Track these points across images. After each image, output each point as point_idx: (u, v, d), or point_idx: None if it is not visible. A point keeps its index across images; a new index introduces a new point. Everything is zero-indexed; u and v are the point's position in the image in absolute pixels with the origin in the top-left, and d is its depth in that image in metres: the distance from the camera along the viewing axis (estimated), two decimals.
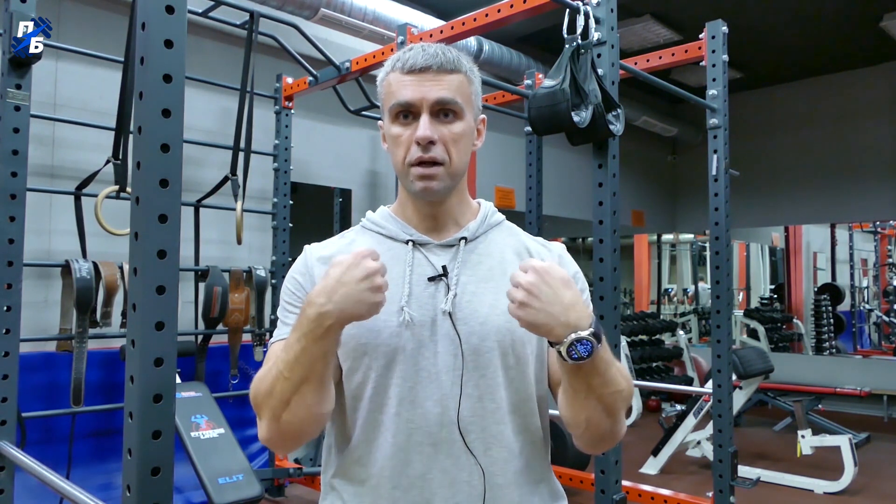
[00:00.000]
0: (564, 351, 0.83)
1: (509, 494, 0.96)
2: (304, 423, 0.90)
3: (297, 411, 0.88)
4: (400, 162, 0.98)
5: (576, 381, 0.88)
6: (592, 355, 0.84)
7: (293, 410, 0.88)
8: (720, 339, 2.79)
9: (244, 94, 3.22)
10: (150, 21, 0.84)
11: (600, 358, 0.85)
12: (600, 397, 0.89)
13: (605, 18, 2.13)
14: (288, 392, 0.88)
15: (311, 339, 0.85)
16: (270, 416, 0.90)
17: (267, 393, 0.90)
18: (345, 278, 0.85)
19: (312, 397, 0.88)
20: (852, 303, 7.46)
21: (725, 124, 2.84)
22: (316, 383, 0.88)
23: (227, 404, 3.28)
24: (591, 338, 0.83)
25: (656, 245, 8.21)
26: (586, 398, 0.89)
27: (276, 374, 0.88)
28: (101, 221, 2.81)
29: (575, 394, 0.90)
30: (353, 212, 4.33)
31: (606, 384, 0.88)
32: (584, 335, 0.83)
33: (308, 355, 0.86)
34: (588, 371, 0.86)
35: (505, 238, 1.07)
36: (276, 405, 0.89)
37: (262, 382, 0.91)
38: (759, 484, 3.33)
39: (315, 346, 0.85)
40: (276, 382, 0.88)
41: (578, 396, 0.89)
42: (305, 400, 0.88)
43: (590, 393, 0.88)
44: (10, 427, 2.03)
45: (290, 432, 0.91)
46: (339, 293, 0.84)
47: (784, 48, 5.85)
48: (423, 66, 0.96)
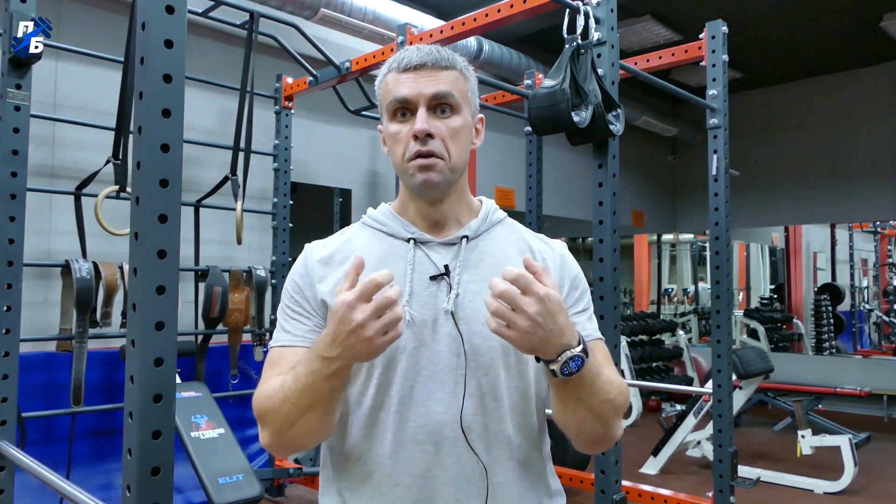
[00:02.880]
0: (558, 369, 0.85)
1: (510, 492, 0.96)
2: (308, 439, 0.93)
3: (301, 431, 0.91)
4: (399, 158, 0.99)
5: (564, 392, 0.90)
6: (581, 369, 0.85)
7: (297, 430, 0.90)
8: (720, 339, 2.79)
9: (244, 94, 3.22)
10: (150, 21, 0.83)
11: (588, 370, 0.87)
12: (589, 407, 0.91)
13: (605, 18, 2.13)
14: (294, 415, 0.89)
15: (319, 377, 0.86)
16: (274, 431, 0.92)
17: (273, 411, 0.91)
18: (339, 329, 0.82)
19: (318, 422, 0.90)
20: (852, 303, 7.46)
21: (725, 124, 2.84)
22: (322, 412, 0.89)
23: (227, 404, 3.28)
24: (582, 353, 0.85)
25: (656, 245, 8.21)
26: (575, 408, 0.91)
27: (282, 398, 0.89)
28: (101, 221, 2.81)
29: (564, 404, 0.92)
30: (353, 212, 4.33)
31: (594, 394, 0.89)
32: (576, 352, 0.84)
33: (316, 389, 0.87)
34: (576, 384, 0.87)
35: (507, 235, 1.07)
36: (281, 423, 0.91)
37: (268, 400, 0.92)
38: (759, 484, 3.33)
39: (323, 383, 0.86)
40: (283, 405, 0.89)
41: (567, 407, 0.91)
42: (310, 423, 0.90)
43: (578, 403, 0.90)
44: (10, 427, 2.03)
45: (292, 445, 0.94)
46: (339, 343, 0.82)
47: (784, 48, 5.85)
48: (419, 63, 0.98)
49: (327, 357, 0.84)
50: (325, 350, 0.84)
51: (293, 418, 0.89)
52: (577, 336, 0.86)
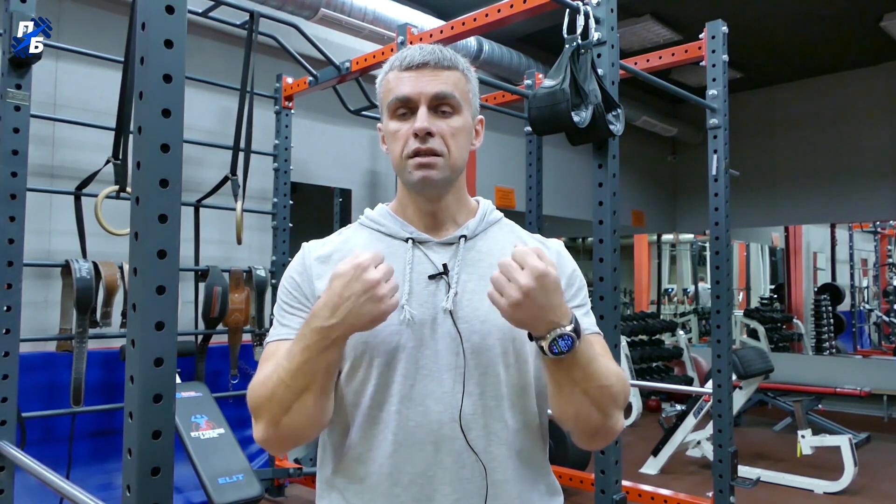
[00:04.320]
0: (546, 346, 0.85)
1: (509, 490, 0.96)
2: (304, 428, 0.92)
3: (296, 417, 0.89)
4: (398, 155, 0.99)
5: (558, 374, 0.90)
6: (573, 349, 0.86)
7: (293, 416, 0.89)
8: (720, 339, 2.80)
9: (244, 94, 3.22)
10: (150, 21, 0.84)
11: (581, 352, 0.87)
12: (585, 391, 0.90)
13: (605, 18, 2.13)
14: (289, 399, 0.88)
15: (315, 351, 0.86)
16: (269, 420, 0.91)
17: (267, 398, 0.90)
18: (346, 293, 0.84)
19: (313, 405, 0.89)
20: (852, 303, 7.46)
21: (725, 124, 2.84)
22: (318, 392, 0.89)
23: (227, 404, 3.28)
24: (573, 333, 0.85)
25: (656, 245, 8.21)
26: (570, 392, 0.90)
27: (276, 381, 0.89)
28: (101, 221, 2.81)
29: (559, 388, 0.91)
30: (353, 212, 4.33)
31: (590, 378, 0.89)
32: (566, 331, 0.85)
33: (311, 365, 0.86)
34: (569, 364, 0.87)
35: (504, 235, 1.07)
36: (276, 410, 0.90)
37: (262, 387, 0.91)
38: (759, 484, 3.33)
39: (319, 358, 0.86)
40: (277, 388, 0.89)
41: (563, 390, 0.91)
42: (306, 407, 0.89)
43: (574, 386, 0.90)
44: (10, 427, 2.03)
45: (288, 436, 0.92)
46: (343, 308, 0.84)
47: (784, 48, 5.85)
48: (421, 62, 0.98)
49: (326, 326, 0.84)
50: (323, 320, 0.85)
51: (288, 402, 0.88)
52: (570, 317, 0.86)
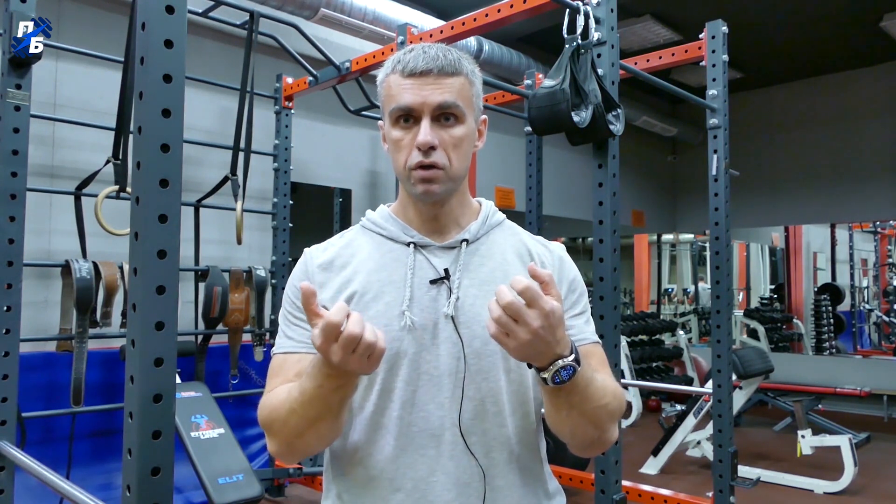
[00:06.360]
0: (549, 377, 0.84)
1: (509, 496, 0.96)
2: (318, 445, 0.93)
3: (311, 440, 0.91)
4: (401, 166, 0.98)
5: (556, 399, 0.89)
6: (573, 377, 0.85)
7: (307, 440, 0.91)
8: (720, 339, 2.79)
9: (244, 94, 3.22)
10: (150, 21, 0.84)
11: (580, 377, 0.86)
12: (582, 413, 0.90)
13: (605, 18, 2.13)
14: (303, 427, 0.89)
15: (328, 390, 0.85)
16: (282, 441, 0.93)
17: (280, 422, 0.91)
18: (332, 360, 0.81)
19: (327, 430, 0.90)
20: (852, 303, 7.46)
21: (725, 124, 2.84)
22: (332, 419, 0.89)
23: (227, 404, 3.28)
24: (574, 363, 0.84)
25: (656, 245, 8.20)
26: (568, 413, 0.90)
27: (289, 409, 0.89)
28: (101, 221, 2.81)
29: (557, 410, 0.91)
30: (353, 212, 4.33)
31: (587, 401, 0.89)
32: (568, 361, 0.84)
33: (324, 400, 0.86)
34: (568, 391, 0.87)
35: (506, 238, 1.07)
36: (290, 435, 0.91)
37: (274, 411, 0.92)
38: (759, 484, 3.33)
39: (333, 395, 0.85)
40: (290, 417, 0.89)
41: (560, 412, 0.91)
42: (320, 432, 0.90)
43: (571, 409, 0.90)
44: (10, 427, 2.03)
45: (302, 452, 0.95)
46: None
47: (784, 48, 5.85)
48: (424, 69, 0.95)
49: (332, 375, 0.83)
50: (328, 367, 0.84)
51: (302, 429, 0.89)
52: (570, 345, 0.85)
